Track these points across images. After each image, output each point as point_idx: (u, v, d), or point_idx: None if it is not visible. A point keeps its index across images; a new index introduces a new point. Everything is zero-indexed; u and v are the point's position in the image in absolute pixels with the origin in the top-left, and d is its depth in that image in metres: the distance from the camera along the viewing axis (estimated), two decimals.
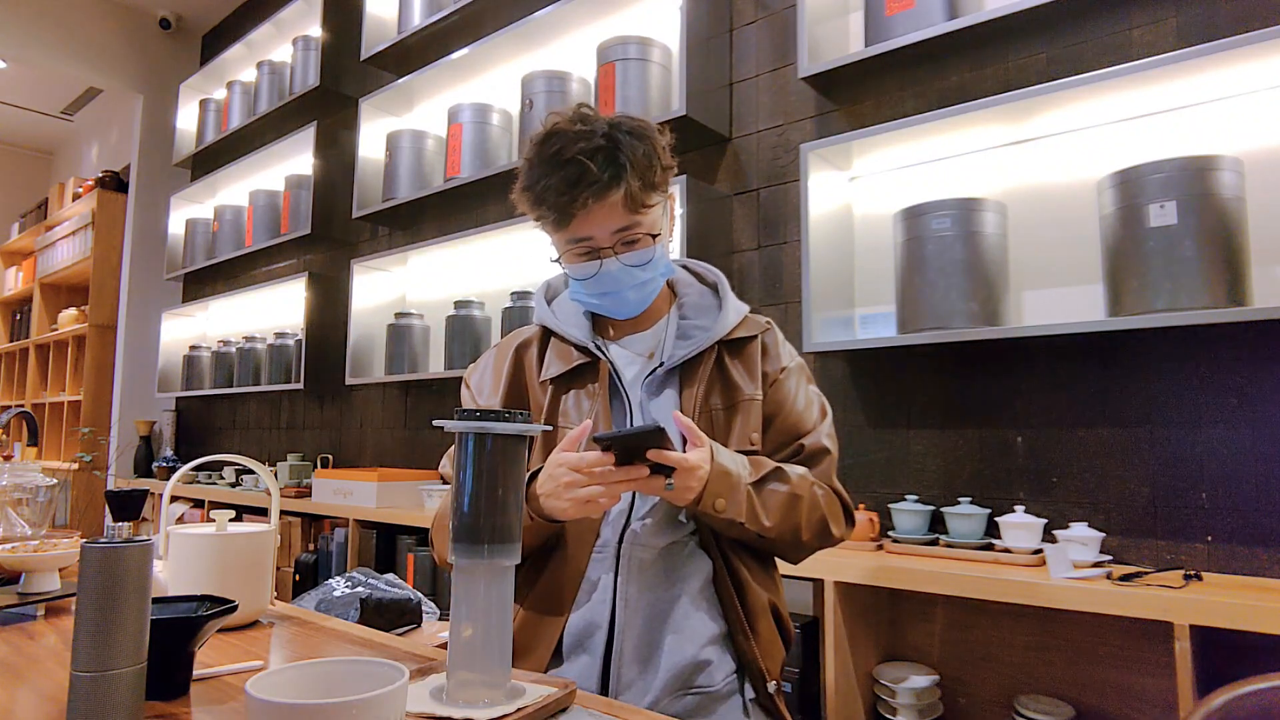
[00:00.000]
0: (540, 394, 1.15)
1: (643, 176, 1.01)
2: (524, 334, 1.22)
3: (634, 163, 1.00)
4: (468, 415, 0.82)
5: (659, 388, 1.11)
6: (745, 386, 1.11)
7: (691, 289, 1.18)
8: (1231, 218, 1.43)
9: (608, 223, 1.03)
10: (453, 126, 2.82)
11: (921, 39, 1.79)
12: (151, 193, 4.74)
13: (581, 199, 0.99)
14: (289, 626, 1.17)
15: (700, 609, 1.04)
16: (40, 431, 4.51)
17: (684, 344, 1.11)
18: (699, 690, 1.02)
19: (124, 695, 0.68)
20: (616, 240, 1.04)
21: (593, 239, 1.04)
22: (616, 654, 1.01)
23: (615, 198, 1.00)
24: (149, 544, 0.71)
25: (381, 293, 3.28)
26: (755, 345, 1.14)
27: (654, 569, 1.05)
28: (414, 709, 0.75)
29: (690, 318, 1.14)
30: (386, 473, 2.80)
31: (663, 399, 1.10)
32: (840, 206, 2.02)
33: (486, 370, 1.21)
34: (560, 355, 1.15)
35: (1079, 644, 1.60)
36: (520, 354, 1.19)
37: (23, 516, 1.62)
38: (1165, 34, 1.63)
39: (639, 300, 1.11)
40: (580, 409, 1.11)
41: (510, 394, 1.16)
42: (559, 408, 1.12)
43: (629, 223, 1.03)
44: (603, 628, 1.03)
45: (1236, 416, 1.49)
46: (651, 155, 1.02)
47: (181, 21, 4.83)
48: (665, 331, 1.16)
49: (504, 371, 1.17)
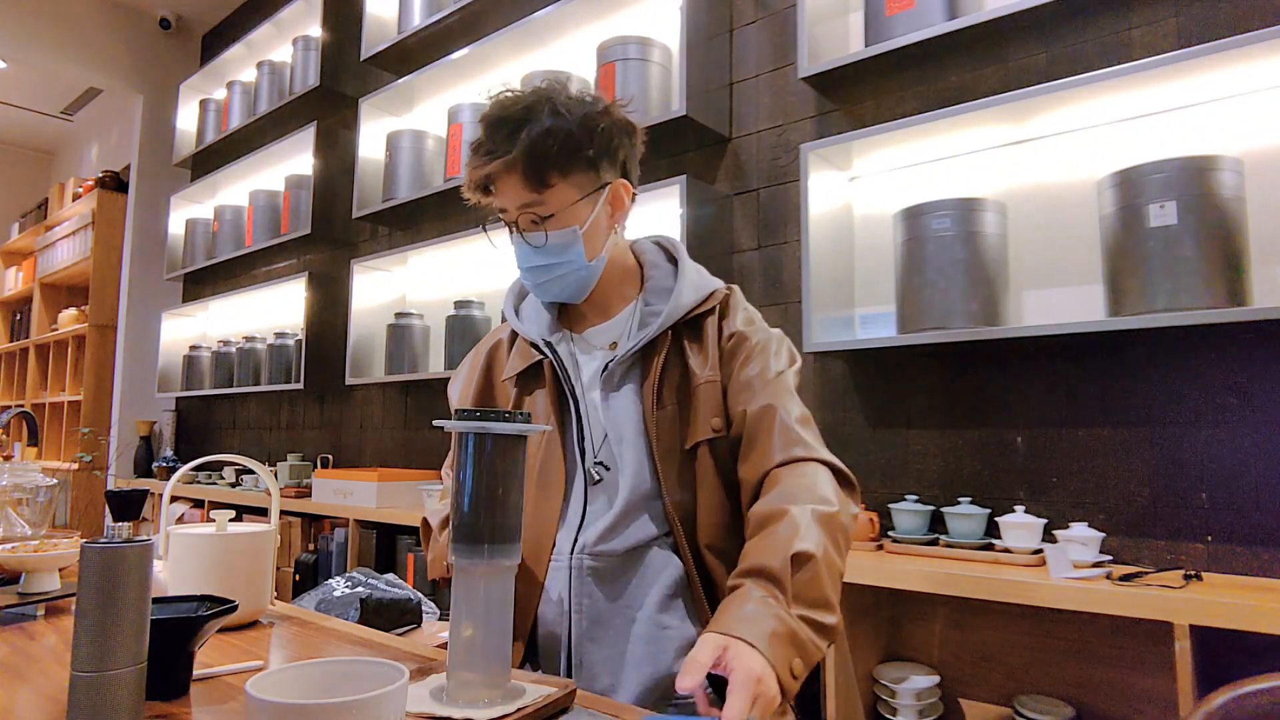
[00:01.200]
0: (505, 394, 1.13)
1: (543, 154, 0.96)
2: (498, 333, 1.20)
3: (535, 139, 0.96)
4: (468, 415, 0.82)
5: (618, 383, 1.05)
6: (699, 370, 1.03)
7: (658, 270, 1.11)
8: (1231, 218, 1.43)
9: (510, 195, 1.00)
10: (453, 126, 2.82)
11: (921, 39, 1.79)
12: (151, 193, 4.75)
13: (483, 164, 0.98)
14: (289, 626, 1.17)
15: (672, 615, 0.98)
16: (40, 431, 4.51)
17: (639, 333, 1.05)
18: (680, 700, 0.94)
19: (124, 695, 0.68)
20: (523, 217, 1.01)
21: (506, 211, 1.03)
22: (576, 669, 0.97)
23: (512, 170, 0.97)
24: (149, 544, 0.71)
25: (381, 293, 3.28)
26: (712, 318, 1.06)
27: (615, 577, 0.99)
28: (414, 709, 0.75)
29: (650, 303, 1.08)
30: (386, 473, 2.80)
31: (621, 396, 1.04)
32: (840, 206, 2.02)
33: (462, 372, 1.21)
34: (520, 353, 1.12)
35: (1079, 644, 1.60)
36: (492, 354, 1.18)
37: (23, 516, 1.62)
38: (1165, 34, 1.63)
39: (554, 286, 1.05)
40: (541, 409, 1.07)
41: (480, 396, 1.15)
42: (523, 408, 1.09)
43: (529, 200, 0.99)
44: (560, 641, 0.99)
45: (1236, 416, 1.49)
46: (572, 137, 0.97)
47: (181, 21, 4.83)
48: (631, 320, 1.08)
49: (476, 373, 1.17)
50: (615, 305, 1.11)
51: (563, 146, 0.97)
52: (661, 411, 1.01)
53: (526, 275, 1.07)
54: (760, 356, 1.03)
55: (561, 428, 1.06)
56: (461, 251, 2.98)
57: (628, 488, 1.01)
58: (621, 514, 1.00)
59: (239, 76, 4.31)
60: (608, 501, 1.03)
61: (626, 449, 1.02)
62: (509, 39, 2.67)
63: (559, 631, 0.99)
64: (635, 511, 1.01)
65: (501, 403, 1.13)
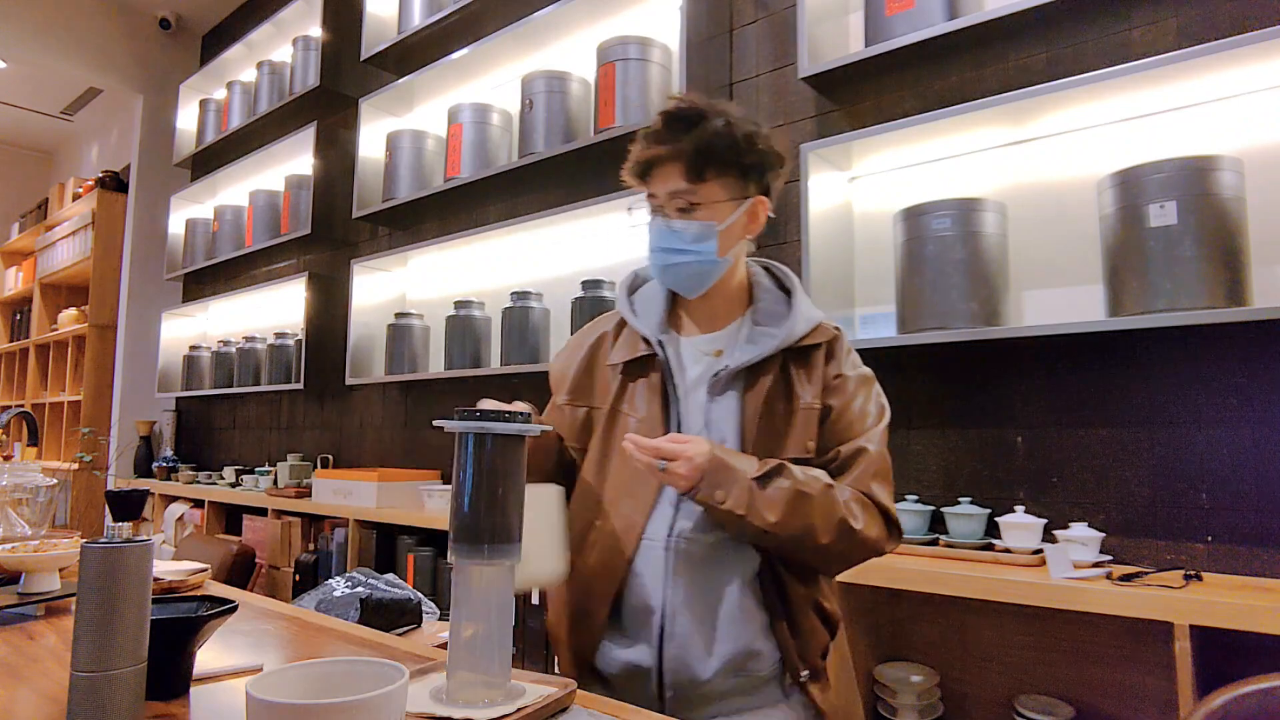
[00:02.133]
0: (608, 379, 1.21)
1: (707, 151, 1.08)
2: (608, 322, 1.28)
3: (705, 137, 1.08)
4: (468, 415, 0.82)
5: (723, 389, 1.14)
6: (804, 394, 1.12)
7: (768, 294, 1.21)
8: (1231, 218, 1.43)
9: (666, 183, 1.10)
10: (453, 126, 2.82)
11: (921, 39, 1.78)
12: (151, 193, 4.74)
13: (651, 150, 1.10)
14: (289, 626, 1.17)
15: (749, 600, 1.08)
16: (40, 431, 4.51)
17: (750, 348, 1.14)
18: (748, 673, 1.08)
19: (124, 695, 0.68)
20: (671, 203, 1.11)
21: (656, 196, 1.13)
22: (668, 636, 1.06)
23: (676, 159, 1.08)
24: (149, 544, 0.71)
25: (381, 293, 3.28)
26: (820, 353, 1.16)
27: (705, 562, 1.08)
28: (414, 709, 0.75)
29: (762, 323, 1.18)
30: (386, 473, 2.80)
31: (725, 400, 1.13)
32: (840, 206, 2.02)
33: (565, 353, 1.29)
34: (628, 343, 1.21)
35: (1079, 644, 1.60)
36: (600, 339, 1.25)
37: (23, 516, 1.62)
38: (1165, 34, 1.63)
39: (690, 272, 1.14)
40: (641, 401, 1.16)
41: (582, 375, 1.23)
42: (624, 395, 1.18)
43: (683, 188, 1.09)
44: (656, 612, 1.07)
45: (1236, 416, 1.49)
46: (736, 144, 1.09)
47: (181, 21, 4.83)
48: (738, 334, 1.18)
49: (581, 353, 1.25)
50: (722, 318, 1.20)
51: (725, 150, 1.09)
52: (762, 423, 1.10)
53: (659, 255, 1.14)
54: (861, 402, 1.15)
55: (662, 419, 1.14)
56: (461, 251, 2.98)
57: None
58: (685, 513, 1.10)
59: (239, 76, 4.31)
60: None
61: None
62: (509, 39, 2.67)
63: (654, 603, 1.07)
64: None
65: (600, 387, 1.21)
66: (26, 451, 1.97)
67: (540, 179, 2.68)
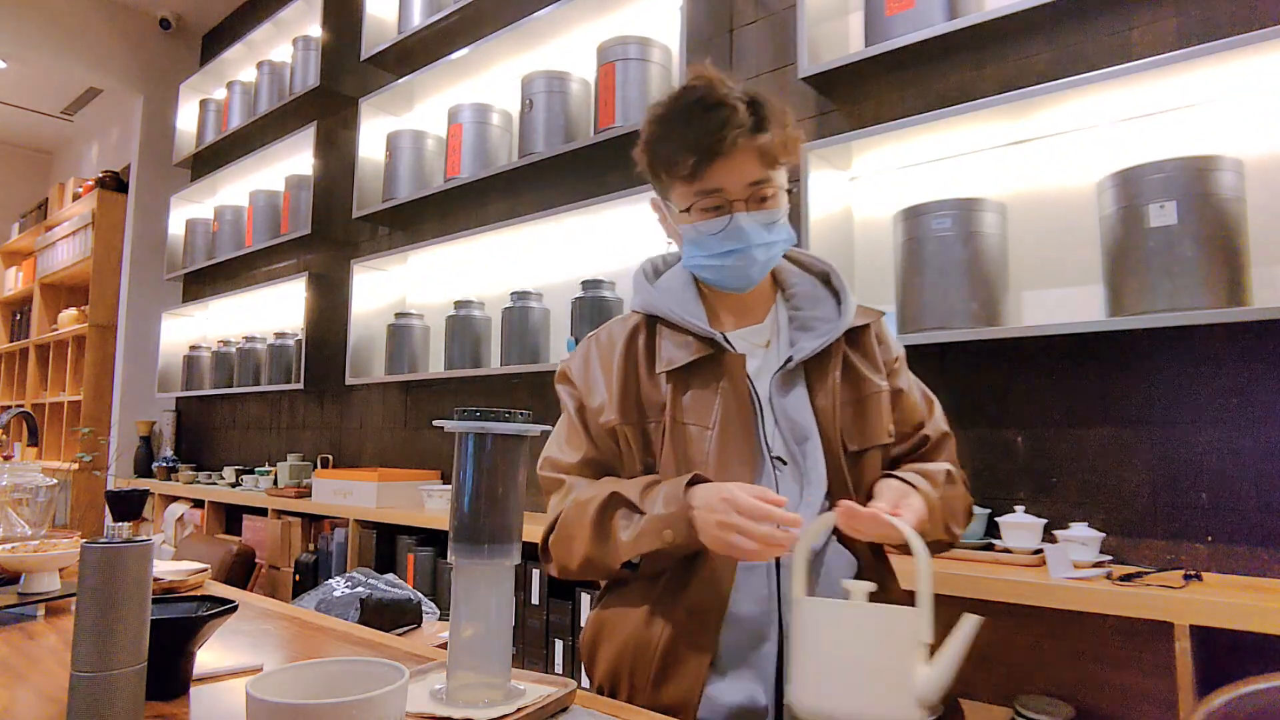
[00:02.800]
0: (655, 388, 1.07)
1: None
2: (628, 323, 1.13)
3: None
4: (468, 415, 0.82)
5: (789, 382, 1.06)
6: (873, 378, 1.07)
7: (801, 279, 1.14)
8: (1231, 218, 1.43)
9: (744, 173, 1.00)
10: (453, 126, 2.82)
11: (921, 39, 1.78)
12: (151, 193, 4.75)
13: (731, 138, 0.97)
14: (289, 626, 1.17)
15: None
16: (40, 431, 4.51)
17: (809, 336, 1.07)
18: None
19: (124, 695, 0.68)
20: (749, 194, 1.01)
21: (723, 191, 1.01)
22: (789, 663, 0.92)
23: (759, 144, 0.99)
24: (149, 544, 0.71)
25: (381, 293, 3.28)
26: (870, 335, 1.11)
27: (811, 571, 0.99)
28: (414, 709, 0.75)
29: (805, 308, 1.10)
30: (386, 473, 2.80)
31: (793, 394, 1.06)
32: (840, 206, 2.02)
33: (591, 365, 1.13)
34: (679, 345, 1.07)
35: (1079, 644, 1.60)
36: (631, 346, 1.10)
37: (23, 516, 1.62)
38: (1165, 34, 1.63)
39: (765, 263, 1.06)
40: (704, 406, 1.04)
41: (625, 391, 1.08)
42: (680, 403, 1.04)
43: (763, 176, 1.01)
44: (769, 640, 0.96)
45: (1236, 416, 1.49)
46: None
47: (181, 21, 4.83)
48: (778, 323, 1.11)
49: (616, 367, 1.09)
50: (758, 308, 1.13)
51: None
52: (843, 413, 1.05)
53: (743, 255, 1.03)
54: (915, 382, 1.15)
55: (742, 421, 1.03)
56: (461, 251, 2.98)
57: (820, 484, 1.03)
58: (819, 509, 1.02)
59: (239, 76, 4.31)
60: (798, 497, 1.03)
61: (813, 446, 1.04)
62: (509, 39, 2.67)
63: (766, 629, 0.97)
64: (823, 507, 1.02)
65: (649, 398, 1.07)
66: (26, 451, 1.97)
67: (540, 179, 2.68)
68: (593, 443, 1.10)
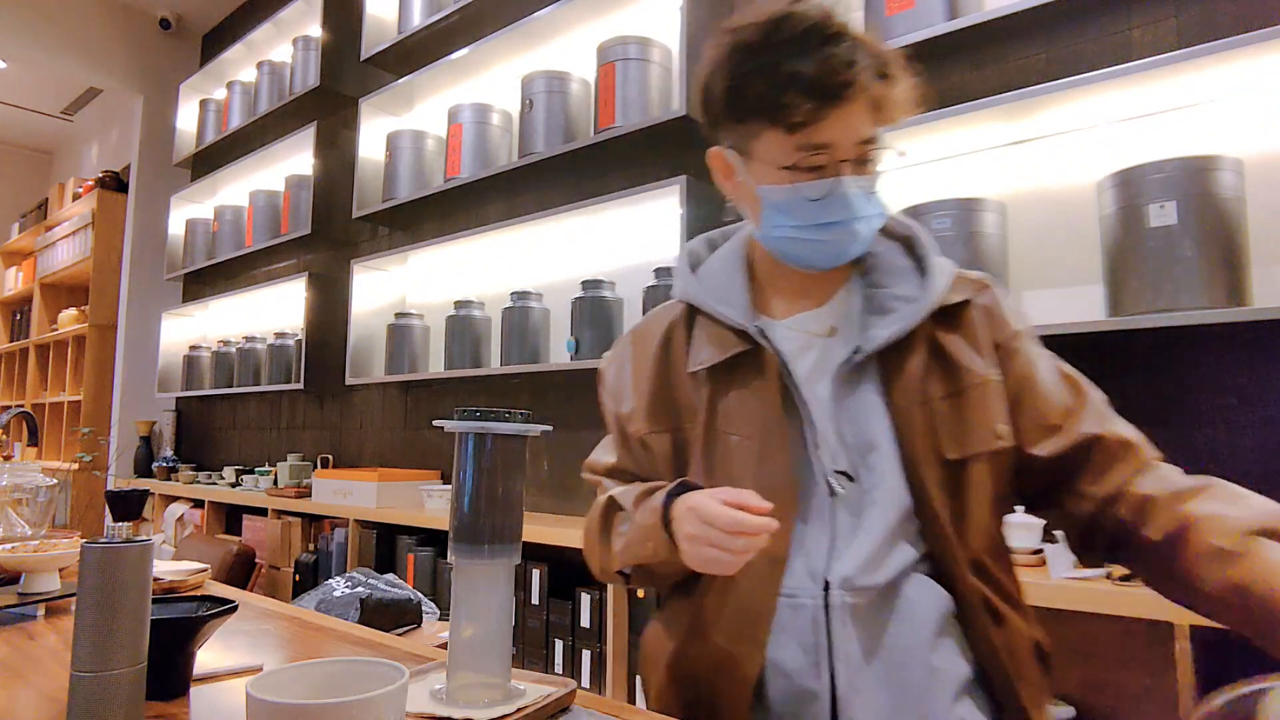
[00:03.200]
0: (692, 390, 0.92)
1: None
2: (666, 316, 0.99)
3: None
4: (468, 415, 0.82)
5: (855, 380, 0.86)
6: (975, 365, 0.85)
7: (879, 246, 0.93)
8: (1231, 218, 1.43)
9: (859, 127, 0.82)
10: (453, 126, 2.82)
11: (921, 39, 1.79)
12: (151, 193, 4.75)
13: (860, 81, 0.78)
14: (289, 626, 1.17)
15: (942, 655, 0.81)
16: (40, 431, 4.51)
17: (883, 320, 0.86)
18: None
19: (124, 695, 0.68)
20: (857, 154, 0.84)
21: (831, 147, 0.82)
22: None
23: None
24: (149, 544, 0.71)
25: (381, 293, 3.28)
26: (971, 311, 0.89)
27: (875, 614, 0.81)
28: (414, 709, 0.75)
29: (883, 284, 0.90)
30: (386, 473, 2.80)
31: (861, 394, 0.86)
32: None
33: (624, 367, 1.00)
34: (713, 339, 0.91)
35: (1079, 644, 1.60)
36: (667, 342, 0.96)
37: (23, 516, 1.62)
38: (1165, 34, 1.63)
39: (865, 241, 0.88)
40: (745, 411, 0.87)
41: (658, 396, 0.94)
42: (718, 409, 0.89)
43: (874, 134, 0.84)
44: (821, 698, 0.79)
45: (1236, 416, 1.49)
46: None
47: (181, 21, 4.83)
48: (849, 303, 0.91)
49: (648, 368, 0.96)
50: (821, 289, 0.92)
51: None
52: (926, 416, 0.84)
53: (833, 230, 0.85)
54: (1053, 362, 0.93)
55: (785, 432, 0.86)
56: (461, 251, 2.98)
57: (889, 504, 0.83)
58: (886, 537, 0.82)
59: (239, 76, 4.31)
60: (855, 521, 0.84)
61: (880, 458, 0.84)
62: (509, 39, 2.67)
63: (815, 687, 0.80)
64: (896, 533, 0.83)
65: (684, 401, 0.93)
66: (26, 451, 1.97)
67: (540, 179, 2.68)
68: (626, 450, 0.99)
